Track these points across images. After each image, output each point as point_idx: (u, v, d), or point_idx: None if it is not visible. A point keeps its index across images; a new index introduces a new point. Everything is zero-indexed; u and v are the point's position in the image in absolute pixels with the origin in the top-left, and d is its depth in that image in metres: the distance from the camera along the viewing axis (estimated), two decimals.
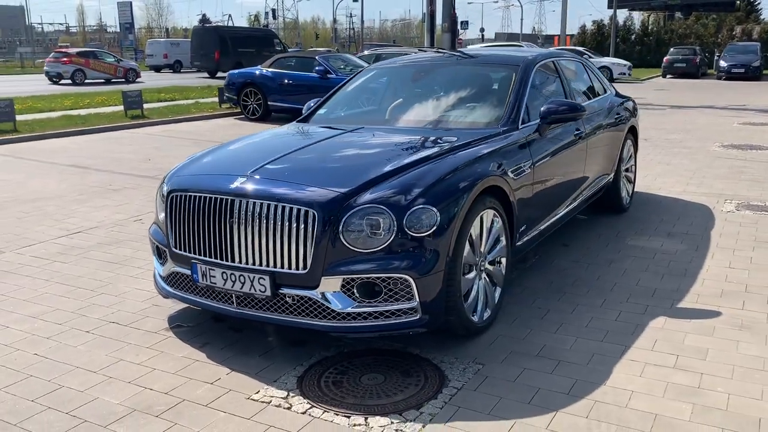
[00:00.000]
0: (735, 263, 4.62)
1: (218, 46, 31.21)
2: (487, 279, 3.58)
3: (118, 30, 69.69)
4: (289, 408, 2.84)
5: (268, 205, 3.11)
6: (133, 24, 63.79)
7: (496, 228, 3.58)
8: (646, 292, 4.12)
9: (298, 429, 2.68)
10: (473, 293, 3.42)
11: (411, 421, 2.72)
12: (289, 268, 3.08)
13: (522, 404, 2.84)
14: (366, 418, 2.73)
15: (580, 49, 30.08)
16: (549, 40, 65.92)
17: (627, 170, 6.19)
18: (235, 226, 3.17)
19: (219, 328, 3.68)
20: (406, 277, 3.03)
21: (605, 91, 5.86)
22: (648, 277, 4.38)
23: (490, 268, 3.61)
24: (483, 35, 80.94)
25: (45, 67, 30.84)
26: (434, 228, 3.07)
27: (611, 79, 27.95)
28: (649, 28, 46.47)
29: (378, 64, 5.24)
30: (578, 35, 45.82)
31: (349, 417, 2.75)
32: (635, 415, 2.74)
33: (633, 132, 6.14)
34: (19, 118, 12.13)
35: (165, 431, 2.69)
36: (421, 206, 3.08)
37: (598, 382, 3.01)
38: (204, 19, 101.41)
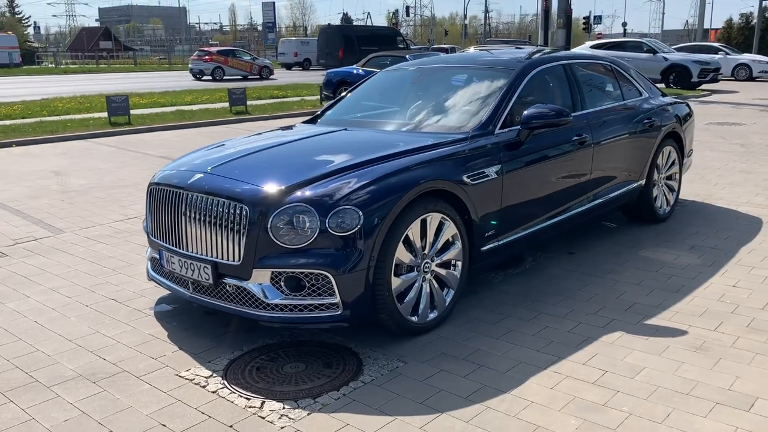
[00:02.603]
0: (743, 282, 4.30)
1: (342, 45, 32.25)
2: (435, 281, 3.64)
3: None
4: (204, 387, 3.10)
5: (210, 199, 3.39)
6: (275, 23, 67.43)
7: (446, 232, 3.63)
8: (622, 305, 3.97)
9: (199, 405, 2.94)
10: (412, 294, 3.51)
11: (301, 408, 2.88)
12: (226, 259, 3.35)
13: (414, 403, 2.91)
14: (263, 402, 2.94)
15: (716, 45, 27.94)
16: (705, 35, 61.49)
17: (669, 178, 5.87)
18: (188, 218, 3.49)
19: (195, 311, 4.02)
20: (326, 273, 3.20)
21: (640, 95, 5.59)
22: (636, 291, 4.20)
23: (441, 271, 3.66)
24: (625, 30, 77.25)
25: (189, 65, 33.62)
26: (357, 228, 3.20)
27: (750, 78, 25.81)
28: None
29: (389, 68, 5.37)
30: (723, 29, 42.43)
31: (249, 399, 2.97)
32: (517, 424, 2.73)
33: (675, 138, 5.80)
34: (135, 112, 13.39)
35: (91, 396, 3.04)
36: (345, 207, 3.22)
37: (504, 390, 3.01)
38: (346, 18, 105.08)
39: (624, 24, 77.57)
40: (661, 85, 20.98)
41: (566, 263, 4.77)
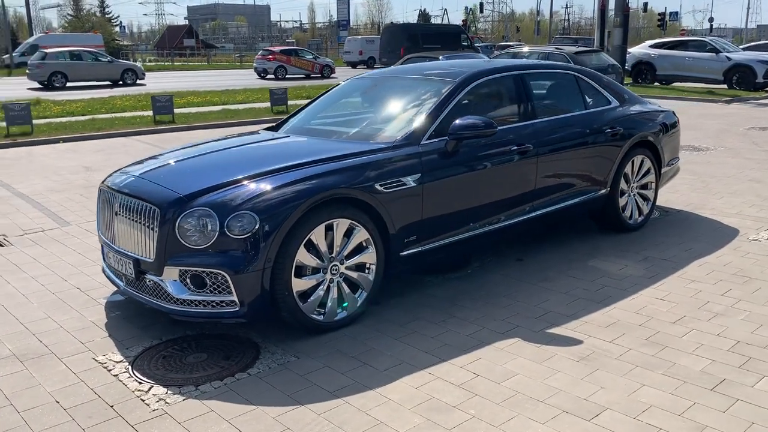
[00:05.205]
0: (673, 296, 4.29)
1: (405, 43, 32.49)
2: (345, 283, 3.85)
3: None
4: (110, 371, 3.45)
5: (133, 201, 3.75)
6: (349, 20, 68.41)
7: (356, 236, 3.84)
8: (535, 313, 4.06)
9: (96, 387, 3.28)
10: (317, 294, 3.74)
11: (181, 394, 3.18)
12: (144, 256, 3.69)
13: (282, 395, 3.15)
14: (151, 387, 3.25)
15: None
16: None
17: (644, 187, 5.83)
18: (119, 217, 3.86)
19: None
20: (224, 273, 3.48)
21: (608, 104, 5.58)
22: (559, 299, 4.27)
23: (352, 273, 3.88)
24: (711, 25, 73.90)
25: (254, 64, 34.78)
26: (253, 232, 3.47)
27: None
28: None
29: (355, 77, 5.58)
30: None
31: (141, 384, 3.29)
32: (362, 420, 2.93)
33: (649, 146, 5.74)
34: (183, 110, 14.09)
35: (13, 373, 3.44)
36: (243, 212, 3.49)
37: (371, 387, 3.20)
38: (423, 14, 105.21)
39: (710, 19, 74.10)
40: (723, 87, 20.16)
41: (509, 269, 4.86)
